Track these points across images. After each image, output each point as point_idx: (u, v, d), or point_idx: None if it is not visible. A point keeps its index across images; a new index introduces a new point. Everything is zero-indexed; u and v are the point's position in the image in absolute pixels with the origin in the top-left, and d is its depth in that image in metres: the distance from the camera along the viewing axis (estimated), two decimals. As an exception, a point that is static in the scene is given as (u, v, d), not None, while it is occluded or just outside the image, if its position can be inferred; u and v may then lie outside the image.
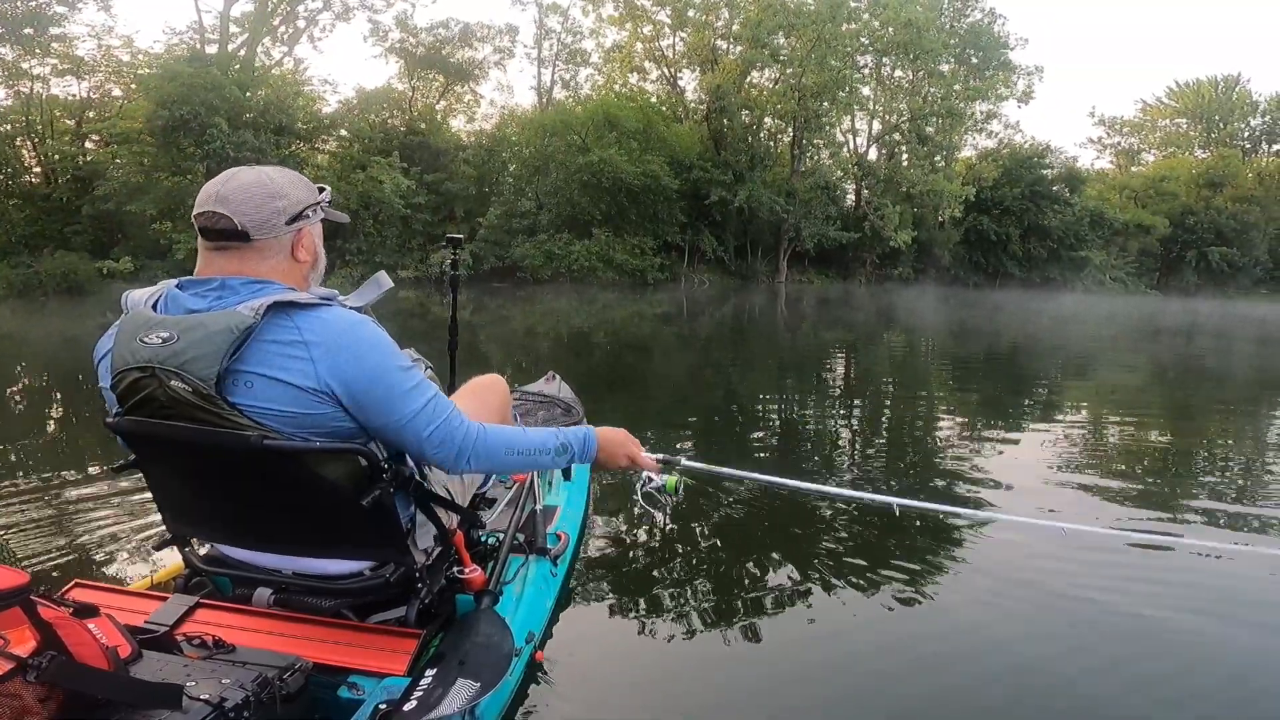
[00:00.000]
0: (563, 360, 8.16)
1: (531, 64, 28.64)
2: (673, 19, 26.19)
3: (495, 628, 1.53)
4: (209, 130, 16.81)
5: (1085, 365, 9.95)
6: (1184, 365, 10.41)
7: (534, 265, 21.02)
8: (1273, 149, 37.84)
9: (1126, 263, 32.58)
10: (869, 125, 29.90)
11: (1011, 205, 29.45)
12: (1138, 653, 2.19)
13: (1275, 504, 3.70)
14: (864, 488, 3.71)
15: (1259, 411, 6.86)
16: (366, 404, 1.28)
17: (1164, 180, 34.52)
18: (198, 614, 1.44)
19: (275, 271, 1.33)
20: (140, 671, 1.15)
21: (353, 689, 1.33)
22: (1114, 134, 41.12)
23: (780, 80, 25.49)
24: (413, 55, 24.84)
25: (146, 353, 1.24)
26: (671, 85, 27.86)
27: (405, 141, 21.95)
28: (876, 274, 28.41)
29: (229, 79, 17.96)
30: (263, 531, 1.47)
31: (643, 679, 2.03)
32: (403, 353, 1.35)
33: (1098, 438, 5.39)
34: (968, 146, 31.45)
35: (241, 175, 1.33)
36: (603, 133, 22.07)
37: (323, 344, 1.25)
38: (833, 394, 7.14)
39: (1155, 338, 14.11)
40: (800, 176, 26.23)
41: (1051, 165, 31.16)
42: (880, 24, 25.53)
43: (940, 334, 13.29)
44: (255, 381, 1.25)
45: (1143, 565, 2.80)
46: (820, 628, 2.32)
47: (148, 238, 17.98)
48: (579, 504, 2.58)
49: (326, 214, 1.43)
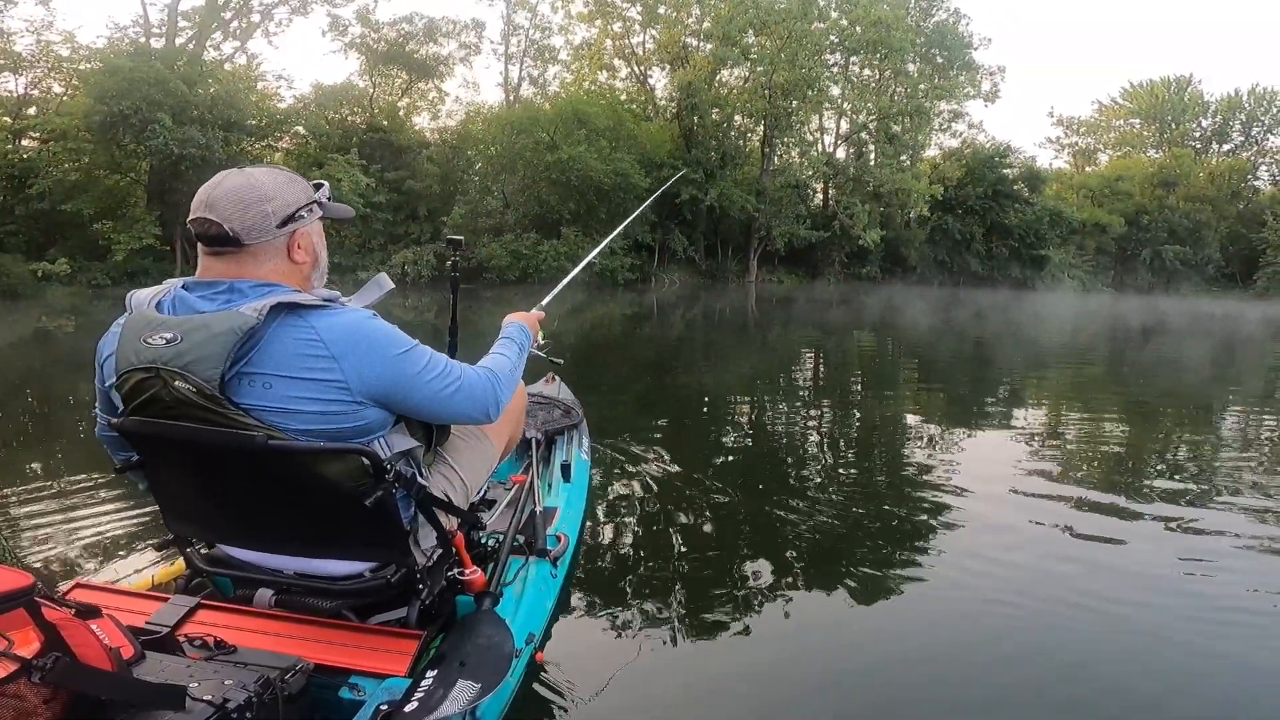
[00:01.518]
0: (530, 370, 7.82)
1: (498, 60, 28.04)
2: (643, 15, 25.85)
3: (496, 629, 1.53)
4: (151, 126, 15.90)
5: (1072, 363, 10.00)
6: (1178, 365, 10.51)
7: (501, 266, 20.50)
8: (1223, 149, 39.06)
9: (1084, 261, 33.30)
10: (836, 124, 30.06)
11: (975, 204, 29.87)
12: (1107, 649, 2.20)
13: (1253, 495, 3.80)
14: (833, 490, 3.76)
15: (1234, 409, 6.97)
16: (394, 395, 1.34)
17: (1119, 180, 35.35)
18: (199, 615, 1.44)
19: (274, 274, 1.32)
20: (143, 672, 1.15)
21: (354, 690, 1.32)
22: (1071, 134, 42.11)
23: (750, 79, 25.35)
24: (374, 51, 24.08)
25: (150, 353, 1.25)
26: (641, 83, 27.53)
27: (365, 139, 21.22)
28: (845, 273, 28.55)
29: (175, 73, 17.04)
30: (265, 532, 1.47)
31: (642, 679, 2.02)
32: (403, 335, 1.37)
33: (1089, 434, 5.40)
34: (933, 146, 31.86)
35: (229, 180, 1.32)
36: (572, 130, 21.66)
37: (341, 345, 1.28)
38: (805, 396, 7.14)
39: (1147, 338, 14.25)
40: (771, 175, 26.16)
41: (1012, 165, 31.69)
42: (849, 22, 25.56)
43: (924, 334, 13.21)
44: (275, 383, 1.26)
45: (1098, 558, 2.87)
46: (821, 627, 2.33)
47: (86, 238, 17.02)
48: (578, 506, 2.57)
49: (326, 210, 1.43)
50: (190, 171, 15.96)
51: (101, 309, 14.11)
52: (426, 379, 1.36)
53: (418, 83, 25.50)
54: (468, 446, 1.69)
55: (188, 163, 16.14)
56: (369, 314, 1.35)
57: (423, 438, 1.51)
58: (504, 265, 20.55)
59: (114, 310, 1.40)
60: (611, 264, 22.09)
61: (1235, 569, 2.81)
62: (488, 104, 27.16)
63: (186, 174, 16.02)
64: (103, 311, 13.87)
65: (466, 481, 1.65)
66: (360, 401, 1.30)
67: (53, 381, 7.13)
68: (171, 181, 16.96)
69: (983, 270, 30.57)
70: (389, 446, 1.37)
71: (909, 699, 1.98)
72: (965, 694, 2.00)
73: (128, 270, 16.86)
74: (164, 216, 17.46)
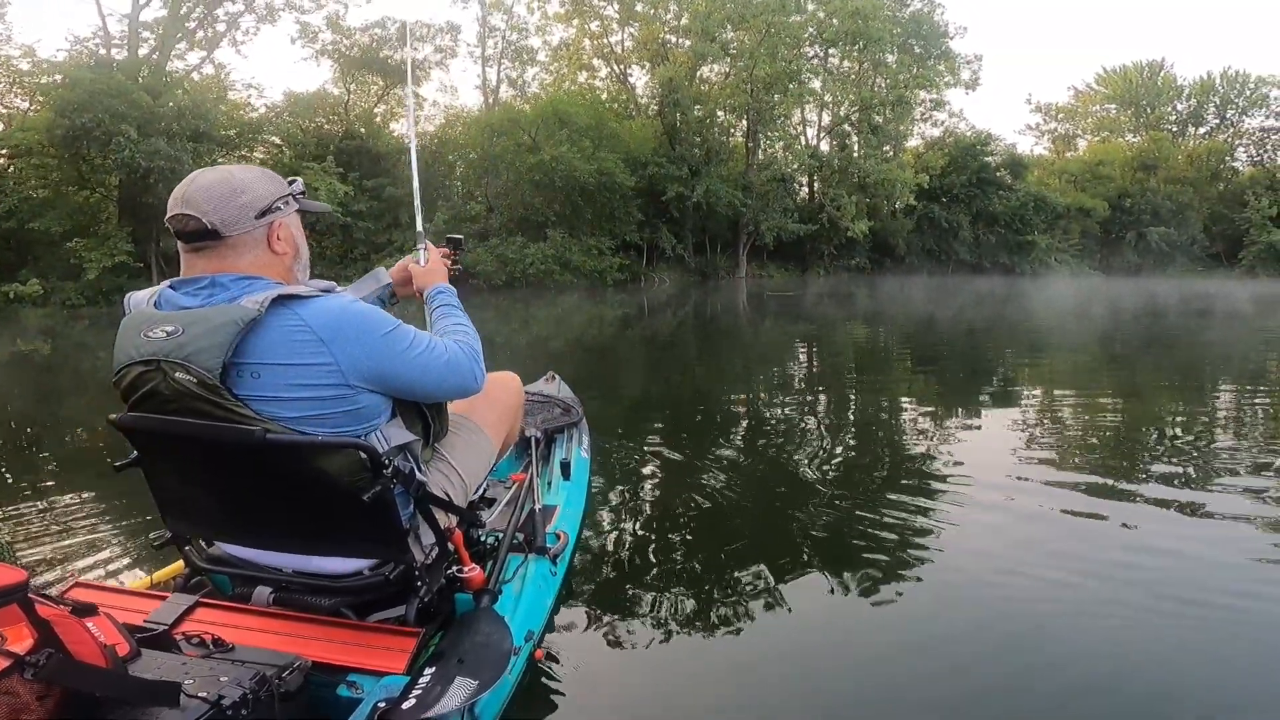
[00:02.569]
0: (530, 370, 7.56)
1: (475, 63, 27.68)
2: (621, 13, 25.59)
3: (494, 626, 1.53)
4: (115, 139, 15.37)
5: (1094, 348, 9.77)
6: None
7: (487, 271, 20.09)
8: (1199, 131, 39.36)
9: (1070, 245, 33.38)
10: (819, 116, 29.96)
11: (959, 192, 29.96)
12: (1102, 641, 2.15)
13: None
14: (833, 482, 3.71)
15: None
16: (385, 374, 1.35)
17: (1100, 164, 35.52)
18: (197, 613, 1.44)
19: (256, 266, 1.33)
20: (138, 670, 1.16)
21: (352, 687, 1.32)
22: (1050, 120, 42.28)
23: (732, 74, 25.16)
24: (347, 57, 23.59)
25: (151, 347, 1.26)
26: (622, 82, 27.25)
27: (342, 146, 20.74)
28: (834, 266, 28.42)
29: (137, 85, 16.53)
30: (263, 528, 1.47)
31: (641, 677, 2.02)
32: (387, 315, 1.38)
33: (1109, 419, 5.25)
34: (915, 136, 31.86)
35: (204, 175, 1.34)
36: (553, 131, 21.31)
37: (328, 329, 1.28)
38: (800, 390, 7.02)
39: (1157, 318, 13.98)
40: (756, 170, 25.95)
41: (994, 152, 31.77)
42: (826, 14, 25.44)
43: (970, 330, 12.86)
44: (263, 371, 1.27)
45: (1092, 542, 2.82)
46: (821, 623, 2.33)
47: (58, 257, 16.43)
48: (578, 503, 2.56)
49: (302, 205, 1.45)
50: (160, 185, 15.47)
51: (78, 330, 13.59)
52: (415, 354, 1.36)
53: (394, 89, 25.06)
54: (465, 443, 1.68)
55: (156, 175, 15.64)
56: (351, 299, 1.36)
57: (420, 431, 1.49)
58: (490, 270, 20.13)
59: (90, 331, 1.13)
60: (601, 265, 21.75)
61: (1242, 553, 2.71)
62: (467, 108, 26.82)
63: (156, 187, 15.53)
64: (79, 333, 13.30)
65: (465, 478, 1.64)
66: (351, 385, 1.30)
67: (48, 385, 7.08)
68: (141, 196, 16.44)
69: (971, 257, 30.58)
70: (386, 440, 1.37)
71: (912, 693, 1.94)
72: (966, 685, 1.97)
73: (102, 289, 16.30)
74: (136, 233, 16.91)
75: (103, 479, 3.34)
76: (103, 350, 11.63)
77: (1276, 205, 33.10)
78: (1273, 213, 32.92)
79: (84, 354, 10.67)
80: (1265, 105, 37.33)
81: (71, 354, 10.64)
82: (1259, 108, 37.59)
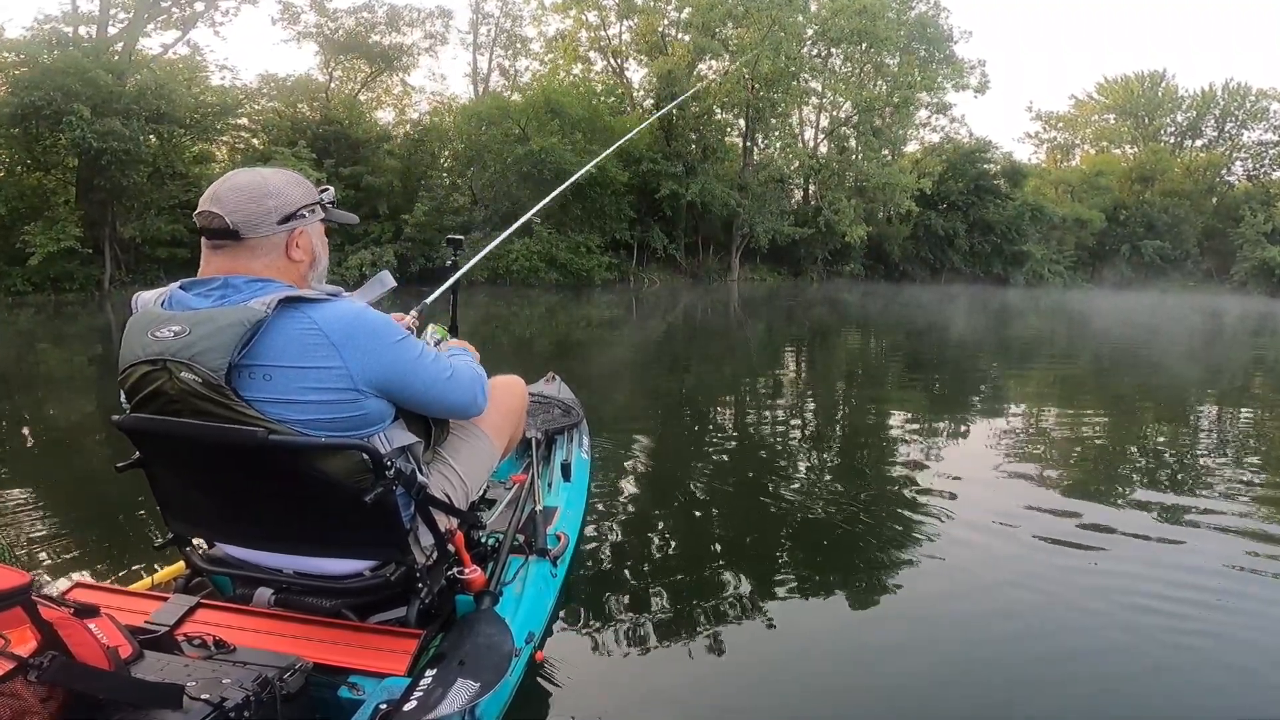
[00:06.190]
0: (530, 370, 7.21)
1: (466, 50, 26.65)
2: (620, 5, 24.65)
3: (495, 628, 1.54)
4: (66, 119, 14.27)
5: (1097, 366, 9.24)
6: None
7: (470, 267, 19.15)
8: (1197, 144, 39.11)
9: (1065, 256, 32.97)
10: (818, 117, 29.24)
11: (957, 200, 29.45)
12: (1093, 641, 2.18)
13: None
14: (832, 485, 3.71)
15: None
16: (394, 382, 1.37)
17: (1099, 175, 35.16)
18: (198, 614, 1.45)
19: (270, 269, 1.34)
20: (141, 671, 1.16)
21: (353, 689, 1.33)
22: (1050, 129, 41.90)
23: (731, 70, 24.33)
24: (332, 40, 22.48)
25: (157, 346, 1.27)
26: (619, 76, 26.33)
27: (319, 132, 19.65)
28: (828, 271, 27.77)
29: (99, 64, 15.40)
30: (265, 529, 1.48)
31: (642, 679, 2.02)
32: (397, 324, 1.40)
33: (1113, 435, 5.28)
34: (914, 141, 31.26)
35: (238, 176, 1.37)
36: (544, 121, 20.38)
37: (340, 334, 1.30)
38: (792, 403, 6.84)
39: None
40: (753, 170, 25.19)
41: (993, 160, 31.27)
42: (830, 12, 24.67)
43: (955, 338, 12.23)
44: (275, 373, 1.28)
45: (1087, 557, 2.82)
46: (821, 623, 2.33)
47: (7, 242, 15.30)
48: (578, 505, 2.57)
49: (329, 214, 1.46)
50: (113, 167, 14.43)
51: (23, 318, 12.75)
52: (424, 365, 1.40)
53: (380, 75, 24.00)
54: (467, 446, 1.68)
55: (109, 157, 14.57)
56: (363, 306, 1.36)
57: (421, 434, 1.51)
58: (472, 266, 19.20)
59: (35, 320, 0.70)
60: (588, 263, 20.89)
61: (1229, 560, 2.78)
62: (456, 97, 25.81)
63: (109, 169, 14.47)
64: (24, 321, 12.45)
65: (466, 480, 1.65)
66: (360, 390, 1.32)
67: (47, 383, 6.90)
68: (95, 178, 15.35)
69: (965, 266, 30.05)
70: (388, 441, 1.39)
71: (907, 695, 1.96)
72: (956, 688, 1.99)
73: (49, 275, 15.23)
74: (89, 216, 15.80)
75: (104, 477, 3.32)
76: (45, 343, 10.77)
77: (1271, 221, 32.84)
78: (1267, 229, 32.66)
79: (25, 345, 9.90)
80: (1265, 119, 37.16)
81: (11, 345, 9.81)
82: (1258, 121, 37.41)
